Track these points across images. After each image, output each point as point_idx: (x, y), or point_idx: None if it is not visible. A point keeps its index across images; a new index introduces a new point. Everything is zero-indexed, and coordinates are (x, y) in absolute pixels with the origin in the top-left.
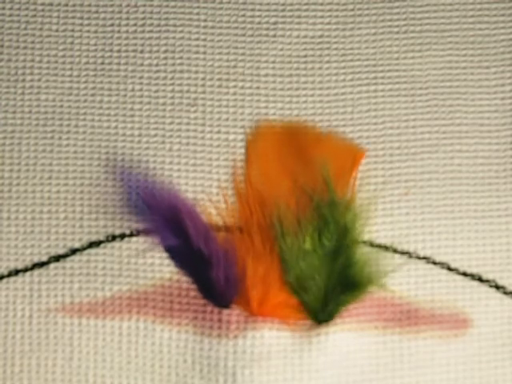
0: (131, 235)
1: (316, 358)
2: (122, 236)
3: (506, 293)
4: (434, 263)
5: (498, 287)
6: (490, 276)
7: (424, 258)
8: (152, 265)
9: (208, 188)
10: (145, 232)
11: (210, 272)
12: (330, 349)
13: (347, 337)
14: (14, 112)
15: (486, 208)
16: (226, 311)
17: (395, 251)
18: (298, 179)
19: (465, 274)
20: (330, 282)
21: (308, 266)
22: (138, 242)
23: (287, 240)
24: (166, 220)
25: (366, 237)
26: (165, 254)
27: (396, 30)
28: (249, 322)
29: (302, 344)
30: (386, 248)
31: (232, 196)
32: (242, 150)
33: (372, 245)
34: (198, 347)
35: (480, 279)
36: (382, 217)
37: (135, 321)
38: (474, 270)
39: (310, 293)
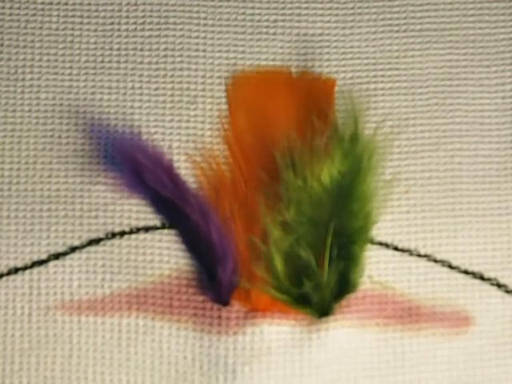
0: (131, 233)
1: (316, 353)
2: (122, 233)
3: (507, 291)
4: (435, 261)
5: (499, 286)
6: (491, 274)
7: (425, 255)
8: (151, 262)
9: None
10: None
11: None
12: (330, 345)
13: (348, 333)
14: (14, 111)
15: (486, 206)
16: (225, 308)
17: (396, 249)
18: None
19: (466, 273)
20: (335, 221)
21: (319, 200)
22: (138, 240)
23: (299, 172)
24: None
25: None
26: (164, 251)
27: (396, 28)
28: (248, 317)
29: (302, 340)
30: (386, 246)
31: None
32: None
33: (372, 243)
34: (197, 344)
35: (481, 277)
36: (383, 214)
37: (135, 318)
38: (475, 269)
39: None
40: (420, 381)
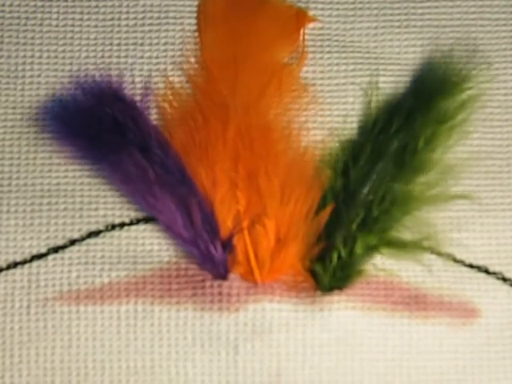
0: (131, 224)
1: (319, 333)
2: (122, 225)
3: None
4: (439, 255)
5: (504, 279)
6: (496, 269)
7: (429, 249)
8: (151, 251)
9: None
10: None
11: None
12: (333, 325)
13: (353, 315)
14: (14, 107)
15: (490, 202)
16: (226, 284)
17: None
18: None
19: (471, 266)
20: None
21: None
22: (138, 231)
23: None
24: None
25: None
26: (163, 241)
27: (397, 24)
28: (249, 294)
29: (305, 318)
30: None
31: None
32: None
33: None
34: (198, 323)
35: (487, 271)
36: None
37: (133, 304)
38: (480, 263)
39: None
40: (426, 368)
